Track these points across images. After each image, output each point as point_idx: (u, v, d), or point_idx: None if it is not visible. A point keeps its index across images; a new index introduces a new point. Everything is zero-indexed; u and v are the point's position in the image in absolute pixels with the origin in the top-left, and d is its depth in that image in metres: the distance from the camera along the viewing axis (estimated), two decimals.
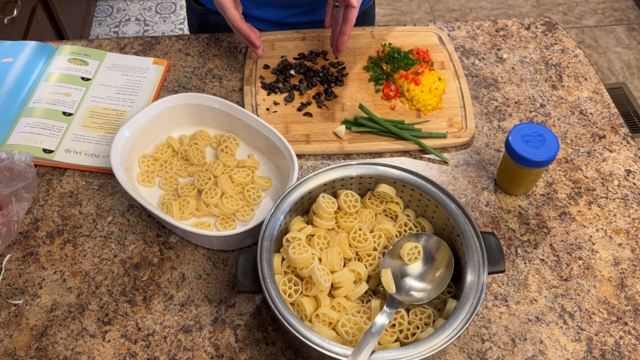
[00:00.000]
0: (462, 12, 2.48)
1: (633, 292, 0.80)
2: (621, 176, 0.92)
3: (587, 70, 1.07)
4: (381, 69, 1.04)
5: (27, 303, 0.78)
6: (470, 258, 0.69)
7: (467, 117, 0.97)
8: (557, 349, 0.75)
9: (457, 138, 0.94)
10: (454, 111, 0.98)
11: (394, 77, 1.01)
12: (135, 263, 0.82)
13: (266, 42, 1.08)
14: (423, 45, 1.07)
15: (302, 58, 1.05)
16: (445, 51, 1.06)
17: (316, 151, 0.93)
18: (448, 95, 1.00)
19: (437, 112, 0.98)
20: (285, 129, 0.95)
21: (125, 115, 0.97)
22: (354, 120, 0.96)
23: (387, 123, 0.94)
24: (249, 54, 1.05)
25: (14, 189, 0.83)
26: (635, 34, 2.41)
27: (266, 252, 0.68)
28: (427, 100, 0.97)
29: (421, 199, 0.77)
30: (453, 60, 1.05)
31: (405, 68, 1.01)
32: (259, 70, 1.03)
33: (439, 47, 1.07)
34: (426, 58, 1.04)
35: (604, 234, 0.85)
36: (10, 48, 1.06)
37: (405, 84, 0.99)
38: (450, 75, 1.03)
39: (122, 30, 2.38)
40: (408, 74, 0.99)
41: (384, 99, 1.00)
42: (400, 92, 1.00)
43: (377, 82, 1.02)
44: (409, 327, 0.69)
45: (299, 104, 0.99)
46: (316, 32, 1.10)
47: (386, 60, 1.03)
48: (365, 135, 0.95)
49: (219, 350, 0.74)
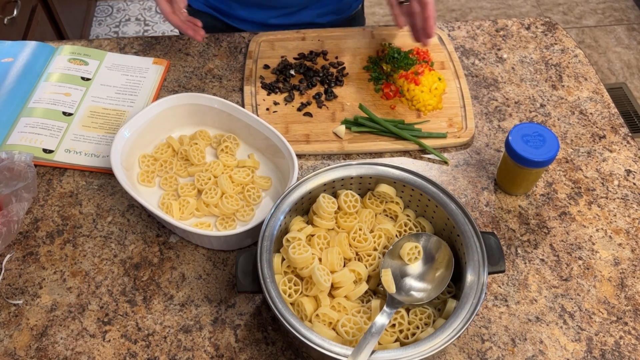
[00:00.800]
0: (462, 12, 2.48)
1: (633, 292, 0.80)
2: (621, 176, 0.92)
3: (587, 70, 1.07)
4: (381, 68, 1.03)
5: (27, 303, 0.78)
6: (470, 258, 0.69)
7: (467, 117, 0.97)
8: (557, 349, 0.75)
9: (457, 138, 0.94)
10: (454, 111, 0.98)
11: (394, 77, 1.01)
12: (135, 263, 0.82)
13: (266, 42, 1.08)
14: None
15: (302, 58, 1.05)
16: (445, 51, 1.06)
17: (316, 151, 0.93)
18: (448, 95, 1.00)
19: (437, 112, 0.98)
20: (285, 129, 0.95)
21: (125, 115, 0.97)
22: (354, 120, 0.96)
23: (387, 123, 0.94)
24: (249, 54, 1.05)
25: (14, 189, 0.83)
26: (635, 34, 2.41)
27: (266, 252, 0.68)
28: (427, 100, 0.97)
29: (421, 199, 0.77)
30: (453, 60, 1.05)
31: (405, 68, 1.00)
32: (259, 70, 1.03)
33: (439, 47, 1.07)
34: (426, 58, 1.04)
35: (604, 234, 0.85)
36: (10, 48, 1.06)
37: (405, 84, 0.99)
38: (450, 75, 1.03)
39: (122, 30, 2.38)
40: (408, 74, 0.99)
41: (384, 98, 1.00)
42: (400, 92, 1.00)
43: (377, 82, 1.02)
44: (409, 327, 0.69)
45: (299, 104, 0.99)
46: (316, 32, 1.10)
47: (386, 60, 1.03)
48: (366, 135, 0.95)
49: (219, 350, 0.74)
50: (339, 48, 1.08)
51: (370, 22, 2.40)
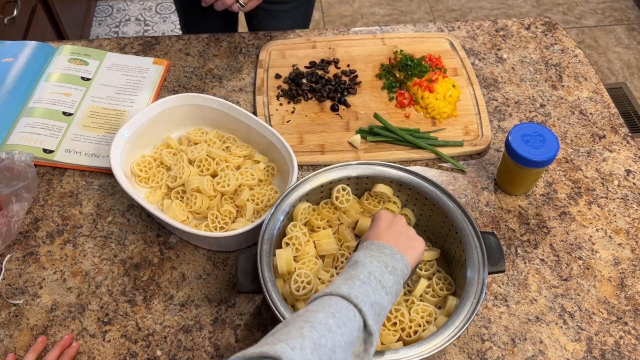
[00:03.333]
0: (462, 12, 2.48)
1: (633, 292, 0.80)
2: (621, 176, 0.92)
3: (587, 70, 1.07)
4: (394, 76, 1.02)
5: (27, 303, 0.78)
6: (469, 256, 0.69)
7: (483, 125, 0.95)
8: (557, 349, 0.75)
9: (474, 146, 0.93)
10: (469, 118, 0.96)
11: (408, 84, 1.00)
12: (135, 263, 0.82)
13: (276, 51, 1.07)
14: (435, 51, 1.05)
15: (313, 67, 1.04)
16: (457, 57, 1.05)
17: (332, 161, 0.90)
18: (463, 102, 0.98)
19: (452, 119, 0.96)
20: (299, 139, 0.94)
21: (125, 115, 0.97)
22: (369, 130, 0.94)
23: (402, 132, 0.92)
24: (259, 64, 1.04)
25: (14, 189, 0.83)
26: (635, 34, 2.41)
27: (266, 256, 0.68)
28: (442, 108, 0.96)
29: (418, 197, 0.77)
30: (466, 66, 1.03)
31: (419, 75, 0.99)
32: (270, 79, 1.02)
33: (450, 53, 1.06)
34: (439, 64, 1.02)
35: (604, 234, 0.85)
36: (10, 48, 1.06)
37: (420, 92, 0.98)
38: (463, 81, 1.01)
39: (122, 30, 2.38)
40: (422, 82, 0.98)
41: (398, 107, 0.99)
42: (414, 99, 0.98)
43: (391, 90, 1.01)
44: (411, 324, 0.69)
45: (312, 113, 0.98)
46: (326, 40, 1.09)
47: (399, 67, 1.01)
48: (381, 144, 0.93)
49: (219, 350, 0.74)
50: (350, 56, 1.06)
51: (371, 22, 2.40)
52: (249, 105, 1.00)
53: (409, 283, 0.74)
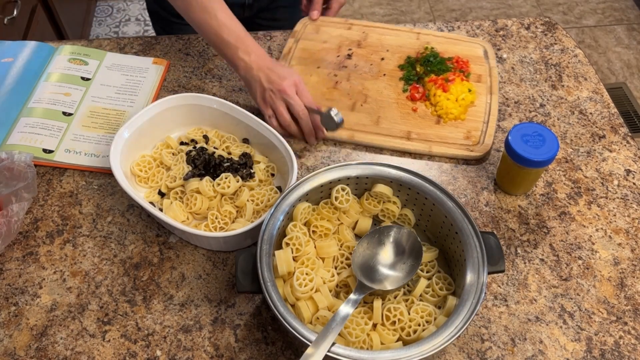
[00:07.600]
0: (462, 12, 2.48)
1: (633, 292, 0.80)
2: (621, 176, 0.92)
3: (587, 70, 1.07)
4: (415, 69, 1.03)
5: (27, 303, 0.78)
6: (469, 256, 0.69)
7: (487, 133, 0.95)
8: (556, 349, 0.75)
9: (470, 152, 0.93)
10: (475, 125, 0.96)
11: (424, 80, 1.00)
12: (135, 263, 0.82)
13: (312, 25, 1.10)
14: (466, 55, 1.05)
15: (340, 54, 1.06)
16: (486, 65, 1.04)
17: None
18: (476, 108, 0.98)
19: (458, 122, 0.96)
20: None
21: (125, 115, 0.97)
22: None
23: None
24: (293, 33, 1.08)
25: (14, 189, 0.83)
26: (635, 34, 2.41)
27: (265, 256, 0.68)
28: (451, 109, 0.96)
29: (418, 197, 0.77)
30: (492, 75, 1.03)
31: (437, 73, 1.00)
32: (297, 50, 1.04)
33: (481, 59, 1.05)
34: (464, 68, 1.02)
35: (603, 233, 0.85)
36: (10, 48, 1.06)
37: (433, 89, 0.98)
38: (484, 89, 1.01)
39: (122, 30, 2.38)
40: (438, 79, 0.98)
41: (409, 99, 1.00)
42: (426, 95, 0.99)
43: (407, 82, 1.02)
44: (410, 324, 0.69)
45: (324, 88, 0.99)
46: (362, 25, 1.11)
47: (421, 62, 1.02)
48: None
49: (218, 350, 0.74)
50: (381, 43, 1.08)
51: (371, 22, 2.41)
52: (249, 105, 1.00)
53: (409, 283, 0.74)
